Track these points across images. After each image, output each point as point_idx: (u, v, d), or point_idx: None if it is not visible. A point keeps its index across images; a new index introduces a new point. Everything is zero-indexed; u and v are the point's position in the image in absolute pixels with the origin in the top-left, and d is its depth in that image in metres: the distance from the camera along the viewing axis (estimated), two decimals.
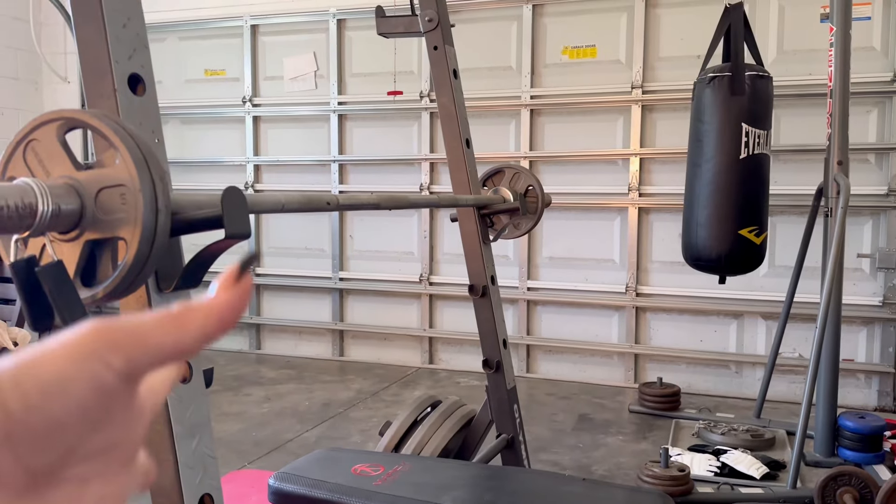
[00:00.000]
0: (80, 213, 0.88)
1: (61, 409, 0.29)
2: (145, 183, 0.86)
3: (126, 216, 0.87)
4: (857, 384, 4.32)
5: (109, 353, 0.30)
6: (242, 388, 4.55)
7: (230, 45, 5.50)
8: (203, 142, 5.64)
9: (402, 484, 1.53)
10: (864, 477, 2.71)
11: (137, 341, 0.31)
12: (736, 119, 3.26)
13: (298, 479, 1.57)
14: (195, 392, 1.06)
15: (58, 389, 0.29)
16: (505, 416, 2.14)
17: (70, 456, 0.30)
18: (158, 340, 0.31)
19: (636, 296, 4.65)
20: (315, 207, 1.36)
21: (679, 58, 4.48)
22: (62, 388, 0.29)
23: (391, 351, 5.27)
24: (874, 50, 4.17)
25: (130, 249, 0.87)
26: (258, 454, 3.39)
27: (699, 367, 4.58)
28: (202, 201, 1.02)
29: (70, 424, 0.29)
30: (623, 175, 4.65)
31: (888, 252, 4.17)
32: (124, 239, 0.89)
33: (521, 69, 4.81)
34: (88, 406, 0.30)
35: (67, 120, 0.90)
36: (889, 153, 4.17)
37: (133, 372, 0.31)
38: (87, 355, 0.29)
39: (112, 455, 0.32)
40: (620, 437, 3.69)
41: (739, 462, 3.12)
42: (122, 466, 0.33)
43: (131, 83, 1.05)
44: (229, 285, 0.33)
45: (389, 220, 5.23)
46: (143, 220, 0.86)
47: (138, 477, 0.35)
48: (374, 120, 5.22)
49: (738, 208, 3.32)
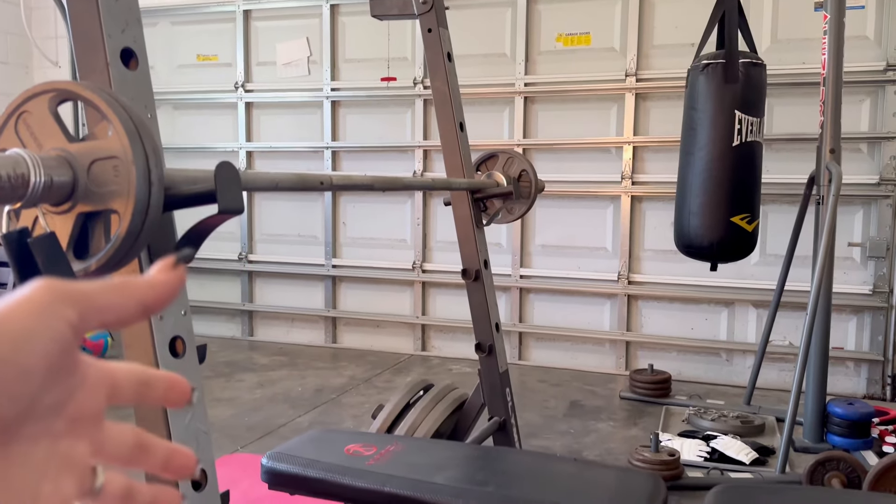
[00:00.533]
0: (73, 186, 0.88)
1: (29, 359, 0.31)
2: (138, 155, 0.86)
3: (119, 188, 0.87)
4: (846, 372, 4.35)
5: (65, 308, 0.33)
6: (235, 374, 4.55)
7: (222, 30, 5.46)
8: (195, 128, 5.62)
9: (395, 463, 1.54)
10: (852, 462, 2.73)
11: (87, 300, 0.34)
12: (729, 106, 3.27)
13: (291, 458, 1.57)
14: (188, 368, 1.06)
15: (26, 342, 0.31)
16: (497, 399, 2.15)
17: (30, 410, 0.33)
18: (104, 302, 0.35)
19: (628, 284, 4.66)
20: (308, 187, 1.36)
21: (673, 46, 4.48)
22: (30, 341, 0.31)
23: (384, 338, 5.28)
24: (868, 39, 4.18)
25: (123, 222, 0.87)
26: (250, 439, 3.40)
27: (690, 354, 4.61)
28: (195, 177, 1.02)
29: (36, 374, 0.32)
30: (616, 163, 4.66)
31: (878, 241, 4.20)
32: (117, 212, 0.89)
33: (516, 56, 4.80)
34: (51, 357, 0.32)
35: (60, 92, 0.90)
36: (881, 142, 4.18)
37: (81, 327, 0.34)
38: (47, 310, 0.32)
39: (59, 415, 0.34)
40: (611, 423, 3.71)
41: (729, 447, 3.14)
42: (68, 429, 0.35)
43: (124, 57, 1.05)
44: (167, 270, 0.37)
45: (382, 207, 5.22)
46: (136, 193, 0.86)
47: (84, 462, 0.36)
48: (368, 107, 5.20)
49: (731, 196, 3.33)
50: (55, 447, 0.34)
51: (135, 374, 0.39)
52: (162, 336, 1.03)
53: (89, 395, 0.36)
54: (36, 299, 0.32)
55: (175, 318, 1.06)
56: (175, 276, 0.37)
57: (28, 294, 0.32)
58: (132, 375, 0.38)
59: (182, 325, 1.06)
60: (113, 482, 0.38)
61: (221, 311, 5.62)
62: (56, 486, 0.34)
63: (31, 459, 0.33)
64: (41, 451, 0.34)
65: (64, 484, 0.35)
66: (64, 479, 0.35)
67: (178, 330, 1.05)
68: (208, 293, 5.62)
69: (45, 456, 0.34)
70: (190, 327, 1.07)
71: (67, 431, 0.35)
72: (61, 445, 0.35)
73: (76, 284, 0.34)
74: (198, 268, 5.55)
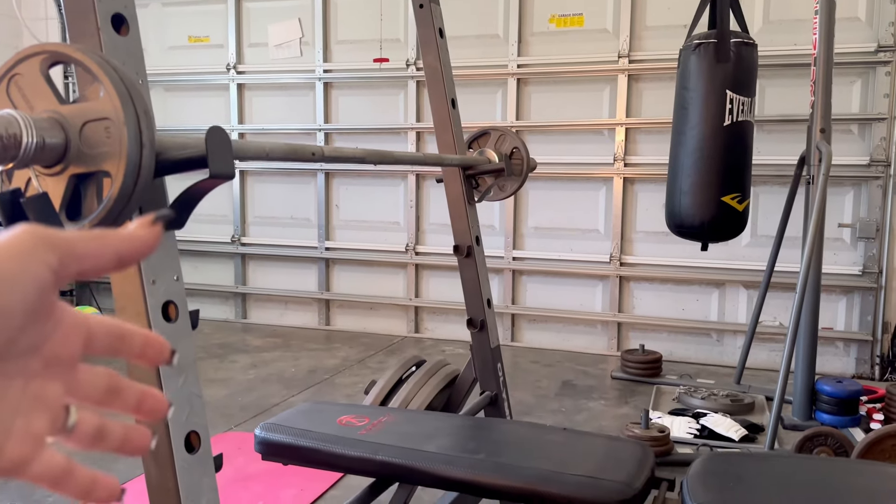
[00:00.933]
0: (65, 147, 0.88)
1: (11, 299, 0.33)
2: (129, 116, 0.87)
3: (111, 150, 0.87)
4: (836, 352, 4.39)
5: (46, 253, 0.34)
6: (228, 355, 4.56)
7: (214, 11, 5.43)
8: (187, 110, 5.60)
9: (387, 433, 1.56)
10: (840, 437, 2.77)
11: (68, 246, 0.36)
12: (720, 86, 3.28)
13: (285, 429, 1.59)
14: (181, 332, 1.07)
15: (9, 283, 0.33)
16: (489, 373, 2.16)
17: (6, 349, 0.34)
18: (83, 250, 0.36)
19: (620, 265, 4.69)
20: (300, 158, 1.36)
21: (666, 27, 4.48)
22: (12, 282, 0.33)
23: (377, 320, 5.29)
24: (859, 20, 4.19)
25: (115, 183, 0.88)
26: (244, 418, 3.41)
27: (681, 335, 4.64)
28: (186, 142, 1.02)
29: (15, 315, 0.33)
30: (609, 145, 4.66)
31: (868, 222, 4.22)
32: (109, 173, 0.89)
33: (509, 37, 4.79)
34: (31, 299, 0.34)
35: (51, 54, 0.90)
36: (872, 124, 4.20)
37: (61, 272, 0.35)
38: (29, 254, 0.34)
39: (34, 356, 0.36)
40: (602, 401, 3.74)
41: (719, 424, 3.17)
42: (42, 370, 0.37)
43: (115, 23, 1.05)
44: (145, 226, 0.39)
45: (375, 189, 5.22)
46: (127, 153, 0.87)
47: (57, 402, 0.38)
48: (360, 88, 5.19)
49: (722, 175, 3.35)
50: (29, 386, 0.36)
51: (111, 326, 0.40)
52: (155, 300, 1.04)
53: (64, 340, 0.37)
54: (18, 243, 0.34)
55: (168, 284, 1.07)
56: (152, 232, 0.39)
57: (11, 238, 0.34)
58: (108, 327, 0.40)
59: (175, 290, 1.07)
60: (85, 421, 0.40)
61: (215, 294, 5.63)
62: (28, 422, 0.36)
63: (6, 396, 0.35)
64: (15, 389, 0.35)
65: (36, 421, 0.36)
66: (36, 417, 0.36)
67: (171, 295, 1.06)
68: (201, 276, 5.62)
69: (18, 394, 0.35)
70: (182, 292, 1.08)
71: (42, 372, 0.37)
72: (34, 385, 0.36)
73: (57, 232, 0.36)
74: (191, 250, 5.54)
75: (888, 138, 4.16)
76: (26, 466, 0.36)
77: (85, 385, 0.40)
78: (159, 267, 1.04)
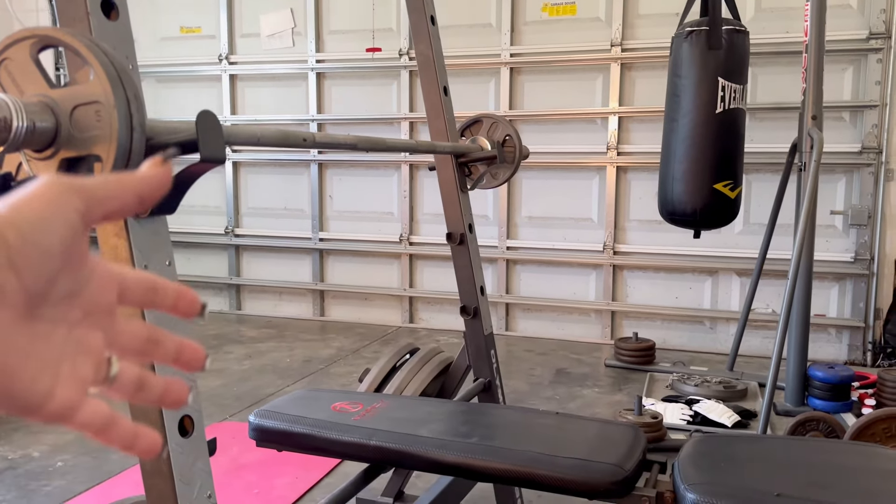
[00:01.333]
0: (56, 131, 0.88)
1: (48, 240, 0.35)
2: (120, 99, 0.87)
3: (101, 133, 0.88)
4: (828, 339, 4.42)
5: (72, 198, 0.37)
6: (223, 346, 4.56)
7: (205, 2, 5.41)
8: (179, 101, 5.58)
9: (381, 419, 1.56)
10: (831, 422, 2.79)
11: (90, 191, 0.38)
12: (712, 73, 3.28)
13: (279, 415, 1.59)
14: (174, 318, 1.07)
15: (43, 225, 0.35)
16: (482, 360, 2.17)
17: (49, 291, 0.36)
18: (105, 192, 0.38)
19: (613, 254, 4.70)
20: (291, 143, 1.36)
21: (658, 15, 4.48)
22: (46, 225, 0.35)
23: (372, 310, 5.30)
24: (851, 8, 4.19)
25: (106, 166, 0.88)
26: (239, 408, 3.42)
27: (674, 323, 4.66)
28: (177, 127, 1.03)
29: (54, 254, 0.35)
30: (602, 134, 4.67)
31: (860, 209, 4.24)
32: (100, 157, 0.89)
33: (501, 26, 4.79)
34: (65, 240, 0.36)
35: (41, 38, 0.90)
36: (863, 111, 4.22)
37: (88, 216, 0.37)
38: (57, 199, 0.36)
39: (73, 304, 0.38)
40: (596, 389, 3.76)
41: (712, 411, 3.19)
42: (83, 318, 0.39)
43: (105, 7, 1.05)
44: (156, 165, 0.41)
45: (369, 180, 5.22)
46: (118, 137, 0.87)
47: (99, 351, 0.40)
48: (353, 78, 5.18)
49: (714, 162, 3.36)
50: (72, 333, 0.38)
51: (144, 277, 0.42)
52: None
53: (100, 289, 0.39)
54: (45, 191, 0.36)
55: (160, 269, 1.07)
56: (164, 170, 0.41)
57: (37, 187, 0.36)
58: (141, 278, 0.42)
59: (167, 275, 1.07)
60: (127, 372, 0.41)
61: (209, 286, 5.62)
62: (74, 367, 0.38)
63: (52, 340, 0.37)
64: (59, 335, 0.37)
65: (82, 367, 0.38)
66: (81, 363, 0.38)
67: None
68: (195, 267, 5.62)
69: (63, 339, 0.37)
70: (175, 277, 1.08)
71: (82, 320, 0.39)
72: (77, 332, 0.38)
73: (78, 178, 0.38)
74: (184, 242, 5.54)
75: (880, 125, 4.18)
76: (75, 412, 0.38)
77: (125, 335, 0.41)
78: (150, 251, 1.05)
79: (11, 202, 0.35)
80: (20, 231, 0.34)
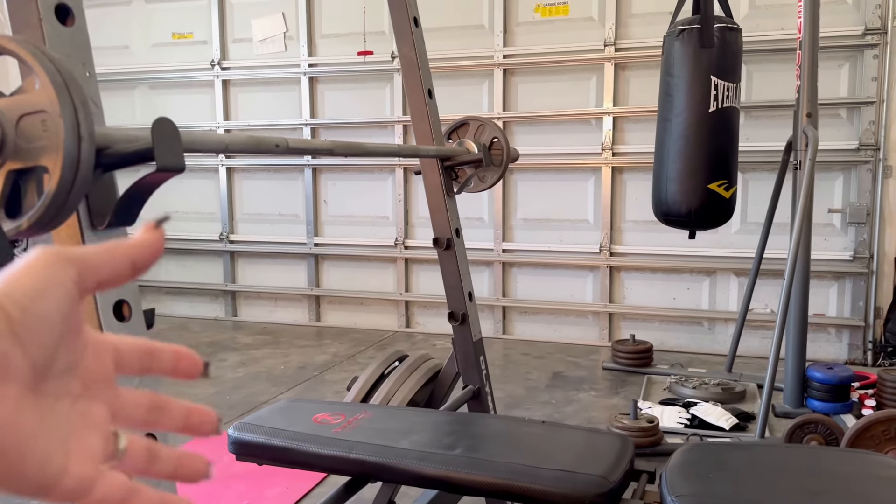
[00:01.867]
0: (2, 142, 0.85)
1: (47, 311, 0.35)
2: (66, 108, 0.83)
3: (48, 143, 0.84)
4: (828, 338, 4.38)
5: (66, 268, 0.36)
6: (218, 353, 4.53)
7: (197, 7, 5.38)
8: (173, 107, 5.54)
9: (362, 430, 1.53)
10: (830, 424, 2.75)
11: (83, 260, 0.37)
12: (705, 72, 3.25)
13: (258, 428, 1.56)
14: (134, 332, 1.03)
15: (41, 296, 0.35)
16: (471, 367, 2.13)
17: (50, 364, 0.35)
18: (98, 261, 0.38)
19: (610, 255, 4.66)
20: (263, 150, 1.33)
21: (651, 14, 4.44)
22: (44, 295, 0.35)
23: (368, 315, 5.26)
24: (846, 3, 4.15)
25: (53, 177, 0.84)
26: (232, 416, 3.38)
27: (672, 324, 4.62)
28: (134, 135, 0.99)
29: (54, 324, 0.35)
30: (596, 135, 4.63)
31: (858, 207, 4.20)
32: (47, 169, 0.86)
33: (494, 28, 4.75)
34: (63, 309, 0.35)
35: None
36: (860, 107, 4.17)
37: (82, 284, 0.37)
38: (52, 269, 0.36)
39: (73, 375, 0.37)
40: (593, 392, 3.72)
41: (709, 414, 3.15)
42: (83, 390, 0.38)
43: (59, 14, 1.01)
44: (149, 230, 0.40)
45: (363, 184, 5.19)
46: (64, 147, 0.83)
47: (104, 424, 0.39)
48: (346, 82, 5.14)
49: (708, 162, 3.31)
50: (75, 406, 0.37)
51: (138, 343, 0.41)
52: (105, 299, 1.00)
53: (96, 359, 0.39)
54: (40, 261, 0.36)
55: None
56: (157, 234, 0.40)
57: (31, 258, 0.36)
58: (135, 344, 0.41)
59: (127, 288, 1.03)
60: (136, 444, 0.40)
61: (204, 292, 5.59)
62: (83, 441, 0.37)
63: (59, 414, 0.36)
64: (64, 409, 0.36)
65: (90, 441, 0.37)
66: (89, 437, 0.37)
67: (123, 293, 1.03)
68: (190, 274, 5.59)
69: (68, 413, 0.36)
70: (136, 289, 1.04)
71: (83, 392, 0.38)
72: (79, 405, 0.37)
73: (70, 248, 0.37)
74: (179, 248, 5.51)
75: (877, 122, 4.13)
76: (91, 487, 0.36)
77: (127, 405, 0.40)
78: None
79: (6, 275, 0.35)
80: (19, 303, 0.34)
